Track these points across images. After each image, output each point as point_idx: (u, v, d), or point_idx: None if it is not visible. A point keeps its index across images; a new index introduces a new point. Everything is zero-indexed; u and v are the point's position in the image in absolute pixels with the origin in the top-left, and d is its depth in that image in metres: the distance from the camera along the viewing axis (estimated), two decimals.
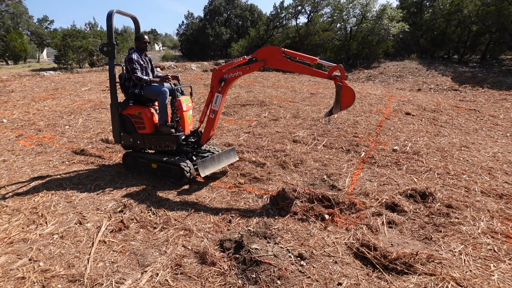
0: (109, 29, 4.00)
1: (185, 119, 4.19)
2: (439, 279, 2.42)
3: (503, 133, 7.01)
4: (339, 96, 3.55)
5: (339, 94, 3.54)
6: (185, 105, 4.18)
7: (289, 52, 3.67)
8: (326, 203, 3.50)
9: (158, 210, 3.42)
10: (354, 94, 3.49)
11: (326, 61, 3.76)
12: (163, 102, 4.05)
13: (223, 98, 4.06)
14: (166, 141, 4.20)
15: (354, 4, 21.56)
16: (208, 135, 4.25)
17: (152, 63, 4.52)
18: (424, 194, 3.71)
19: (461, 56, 19.39)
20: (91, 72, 16.74)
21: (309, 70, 3.67)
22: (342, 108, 3.61)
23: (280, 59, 3.71)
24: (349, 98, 3.55)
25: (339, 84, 3.51)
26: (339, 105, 3.59)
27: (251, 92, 10.61)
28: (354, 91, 3.49)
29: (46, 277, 2.42)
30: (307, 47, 20.77)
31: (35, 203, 3.56)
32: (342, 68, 3.48)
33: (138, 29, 4.66)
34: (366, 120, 7.35)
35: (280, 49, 3.70)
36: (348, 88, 3.49)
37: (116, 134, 4.41)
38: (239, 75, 3.93)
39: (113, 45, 4.02)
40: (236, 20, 32.64)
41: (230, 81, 3.97)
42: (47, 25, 38.56)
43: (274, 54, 3.73)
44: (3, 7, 27.92)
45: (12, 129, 6.65)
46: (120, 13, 4.27)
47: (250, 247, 2.67)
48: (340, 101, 3.56)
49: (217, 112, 4.11)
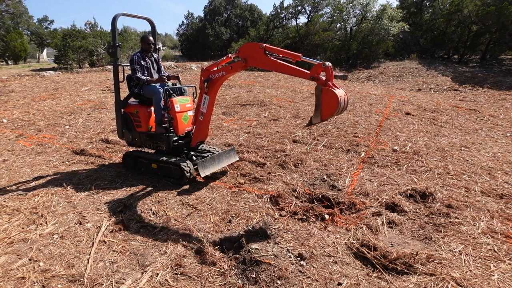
0: (113, 32, 4.14)
1: (178, 120, 4.14)
2: (439, 279, 2.42)
3: (503, 133, 7.01)
4: (319, 102, 2.91)
5: (319, 99, 2.91)
6: (179, 105, 4.13)
7: (271, 48, 3.23)
8: (326, 203, 3.51)
9: (158, 210, 3.42)
10: (337, 100, 2.79)
11: (314, 59, 3.11)
12: (157, 102, 4.11)
13: (210, 100, 3.85)
14: (158, 141, 4.25)
15: (354, 4, 21.57)
16: (198, 138, 4.13)
17: (159, 63, 4.55)
18: (424, 194, 3.71)
19: (461, 56, 19.38)
20: (91, 72, 16.74)
21: (289, 69, 3.13)
22: (323, 117, 2.93)
23: (260, 57, 3.26)
24: (331, 105, 2.84)
25: (318, 87, 2.90)
26: (319, 114, 2.94)
27: (251, 92, 10.62)
28: (337, 96, 2.79)
29: (46, 277, 2.41)
30: (307, 47, 20.77)
31: (35, 203, 3.56)
32: (328, 66, 2.88)
33: (153, 30, 4.77)
34: (366, 120, 7.35)
35: (260, 46, 3.24)
36: (330, 92, 2.82)
37: (119, 130, 4.58)
38: (223, 75, 3.65)
39: (115, 47, 4.15)
40: (236, 20, 32.65)
41: (215, 82, 3.73)
42: (47, 25, 38.61)
43: (254, 52, 3.29)
44: (3, 7, 27.91)
45: (12, 129, 6.65)
46: (131, 16, 4.36)
47: (250, 247, 2.67)
48: (320, 109, 2.92)
49: (205, 115, 3.93)
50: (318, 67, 2.95)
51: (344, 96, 2.93)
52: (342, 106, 2.89)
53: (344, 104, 2.93)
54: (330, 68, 2.89)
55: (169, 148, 4.21)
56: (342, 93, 2.90)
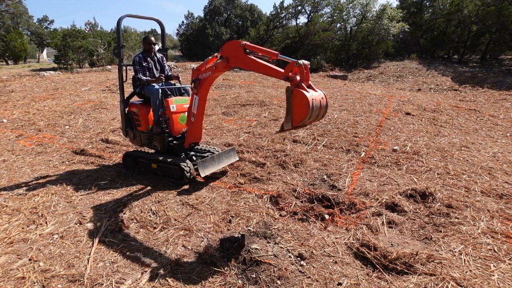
0: (118, 33, 4.24)
1: (174, 121, 4.14)
2: (439, 279, 2.42)
3: (503, 133, 7.01)
4: (289, 106, 2.61)
5: (289, 103, 2.61)
6: (175, 106, 4.12)
7: (251, 46, 3.02)
8: (326, 203, 3.51)
9: (158, 210, 3.42)
10: (307, 103, 2.46)
11: (289, 57, 2.77)
12: (154, 101, 4.15)
13: (200, 100, 3.73)
14: (154, 141, 4.29)
15: (354, 4, 21.59)
16: (191, 139, 4.08)
17: (163, 62, 4.58)
18: (424, 194, 3.71)
19: (461, 56, 19.39)
20: (91, 72, 16.74)
21: (264, 68, 2.87)
22: (293, 123, 2.61)
23: (240, 56, 3.04)
24: (300, 109, 2.52)
25: (289, 88, 2.60)
26: (290, 119, 2.62)
27: (251, 92, 10.62)
28: (307, 99, 2.46)
29: (46, 277, 2.41)
30: (307, 47, 20.79)
31: (35, 203, 3.56)
32: (302, 65, 2.59)
33: (162, 31, 4.82)
34: (366, 120, 7.35)
35: (240, 43, 3.03)
36: (300, 95, 2.50)
37: (123, 129, 4.65)
38: (210, 75, 3.51)
39: (119, 48, 4.25)
40: (236, 20, 32.66)
41: (203, 82, 3.61)
42: (47, 25, 38.65)
43: (235, 51, 3.09)
44: (3, 7, 27.93)
45: (12, 129, 6.65)
46: (138, 17, 4.42)
47: (250, 247, 2.67)
48: (291, 113, 2.61)
49: (196, 115, 3.83)
50: (291, 66, 2.65)
51: (320, 99, 2.59)
52: (315, 110, 2.54)
53: (318, 108, 2.57)
54: (305, 67, 2.59)
55: (163, 148, 4.23)
56: (316, 96, 2.56)
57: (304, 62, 2.61)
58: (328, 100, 2.71)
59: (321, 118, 2.75)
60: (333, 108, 8.68)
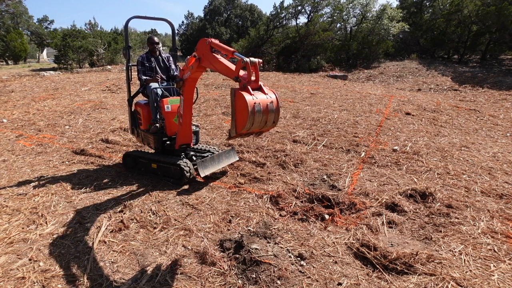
0: (125, 34, 4.39)
1: (169, 121, 4.15)
2: (439, 279, 2.42)
3: (503, 133, 7.01)
4: (233, 109, 2.39)
5: (232, 106, 2.38)
6: (169, 106, 4.11)
7: (215, 44, 2.82)
8: (326, 203, 3.51)
9: (158, 210, 3.42)
10: (246, 107, 2.22)
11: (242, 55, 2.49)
12: (151, 101, 4.21)
13: (185, 101, 3.68)
14: (149, 140, 4.35)
15: (354, 4, 21.57)
16: (181, 140, 4.05)
17: (169, 61, 4.60)
18: (424, 194, 3.71)
19: (461, 56, 19.39)
20: (91, 72, 16.75)
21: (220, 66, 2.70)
22: (237, 129, 2.37)
23: (207, 55, 2.82)
24: (242, 114, 2.27)
25: (231, 90, 2.38)
26: (234, 123, 2.40)
27: None
28: (246, 102, 2.22)
29: (46, 277, 2.41)
30: (307, 47, 20.76)
31: (35, 203, 3.56)
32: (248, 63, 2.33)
33: (173, 31, 4.87)
34: (366, 120, 7.35)
35: (207, 41, 2.82)
36: (240, 97, 2.26)
37: (130, 127, 4.75)
38: (189, 75, 3.39)
39: (127, 48, 4.38)
40: (236, 20, 32.67)
41: (185, 82, 3.51)
42: (47, 25, 38.65)
43: (204, 49, 2.90)
44: (3, 7, 27.95)
45: (12, 129, 6.65)
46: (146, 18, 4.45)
47: (250, 247, 2.67)
48: (234, 118, 2.39)
49: (183, 116, 3.77)
50: (239, 65, 2.37)
51: (268, 103, 2.32)
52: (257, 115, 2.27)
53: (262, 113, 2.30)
54: (253, 66, 2.31)
55: (157, 148, 4.29)
56: (262, 99, 2.30)
57: (252, 60, 2.34)
58: (279, 104, 2.43)
59: (272, 125, 2.47)
60: (333, 108, 8.68)
